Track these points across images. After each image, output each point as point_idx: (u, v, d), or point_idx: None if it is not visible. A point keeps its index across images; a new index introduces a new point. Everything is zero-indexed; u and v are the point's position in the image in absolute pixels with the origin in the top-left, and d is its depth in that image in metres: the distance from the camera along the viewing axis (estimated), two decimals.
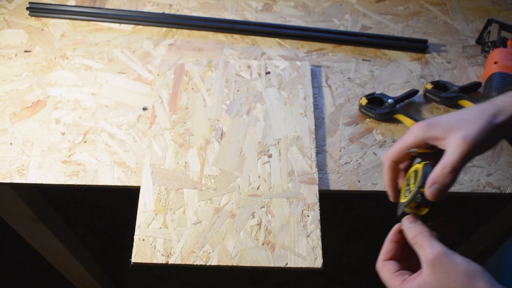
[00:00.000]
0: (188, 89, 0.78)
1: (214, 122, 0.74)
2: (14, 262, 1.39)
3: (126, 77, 0.80)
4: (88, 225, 1.48)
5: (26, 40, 0.85)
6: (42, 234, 0.91)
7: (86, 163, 0.70)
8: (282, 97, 0.77)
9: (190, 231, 0.64)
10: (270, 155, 0.71)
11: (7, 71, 0.80)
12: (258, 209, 0.66)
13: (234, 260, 0.62)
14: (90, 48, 0.84)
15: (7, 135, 0.72)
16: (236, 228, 0.64)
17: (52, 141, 0.72)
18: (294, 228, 0.64)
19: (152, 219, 0.64)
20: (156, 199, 0.66)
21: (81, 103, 0.77)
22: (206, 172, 0.69)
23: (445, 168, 0.44)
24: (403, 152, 0.49)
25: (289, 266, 0.62)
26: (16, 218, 0.86)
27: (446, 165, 0.44)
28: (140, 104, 0.77)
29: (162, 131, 0.73)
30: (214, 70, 0.81)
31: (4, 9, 0.90)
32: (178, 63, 0.81)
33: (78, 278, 1.17)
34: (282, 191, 0.67)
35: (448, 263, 0.41)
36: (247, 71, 0.81)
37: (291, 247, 0.63)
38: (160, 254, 0.62)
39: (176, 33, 0.88)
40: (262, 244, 0.63)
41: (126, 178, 0.68)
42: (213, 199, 0.66)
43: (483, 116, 0.46)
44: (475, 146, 0.44)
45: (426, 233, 0.45)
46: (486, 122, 0.46)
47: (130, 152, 0.71)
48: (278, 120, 0.74)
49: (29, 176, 0.68)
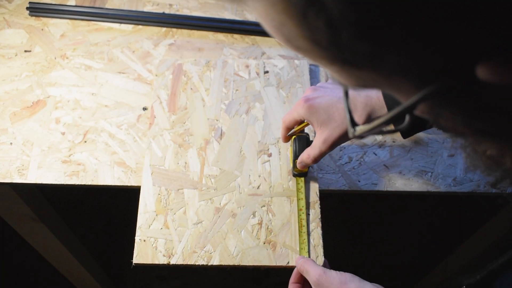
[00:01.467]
0: (187, 89, 0.78)
1: (213, 122, 0.74)
2: (14, 262, 1.39)
3: (126, 77, 0.80)
4: (88, 225, 1.48)
5: (26, 40, 0.85)
6: (42, 234, 0.91)
7: (86, 163, 0.70)
8: (281, 96, 0.77)
9: (191, 231, 0.64)
10: (270, 154, 0.71)
11: (7, 71, 0.80)
12: (259, 208, 0.66)
13: (235, 259, 0.62)
14: (90, 48, 0.84)
15: (7, 135, 0.72)
16: (237, 227, 0.64)
17: (52, 141, 0.72)
18: (295, 227, 0.64)
19: (153, 219, 0.65)
20: (157, 199, 0.66)
21: (81, 103, 0.77)
22: (206, 172, 0.69)
23: (308, 157, 0.61)
24: (292, 123, 0.64)
25: (291, 265, 0.62)
26: (16, 218, 0.86)
27: (310, 155, 0.60)
28: (140, 104, 0.77)
29: (161, 131, 0.73)
30: (212, 70, 0.81)
31: (4, 9, 0.90)
32: (177, 64, 0.81)
33: (78, 278, 1.17)
34: (282, 190, 0.67)
35: (327, 279, 0.54)
36: (246, 71, 0.81)
37: (292, 246, 0.63)
38: (161, 254, 0.62)
39: (176, 33, 0.88)
40: (263, 243, 0.63)
41: (126, 178, 0.68)
42: (213, 199, 0.66)
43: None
44: (334, 146, 0.58)
45: (308, 261, 0.59)
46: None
47: (130, 152, 0.71)
48: (278, 119, 0.74)
49: (29, 176, 0.68)
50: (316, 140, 0.60)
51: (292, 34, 0.21)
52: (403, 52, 0.19)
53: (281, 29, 0.21)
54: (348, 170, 0.70)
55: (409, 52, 0.19)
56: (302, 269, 0.58)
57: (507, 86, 0.18)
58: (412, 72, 0.20)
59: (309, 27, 0.19)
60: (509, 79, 0.18)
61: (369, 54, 0.19)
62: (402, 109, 0.22)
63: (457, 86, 0.20)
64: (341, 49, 0.20)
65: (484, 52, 0.18)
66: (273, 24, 0.21)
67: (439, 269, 1.24)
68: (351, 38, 0.19)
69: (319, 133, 0.59)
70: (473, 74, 0.18)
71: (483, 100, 0.21)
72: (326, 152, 0.60)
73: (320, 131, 0.59)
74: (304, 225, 0.64)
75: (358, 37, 0.18)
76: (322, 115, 0.58)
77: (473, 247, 1.15)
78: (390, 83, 0.22)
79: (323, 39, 0.20)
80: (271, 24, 0.21)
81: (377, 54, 0.19)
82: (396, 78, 0.22)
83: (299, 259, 0.61)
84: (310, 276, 0.56)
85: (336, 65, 0.22)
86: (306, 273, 0.58)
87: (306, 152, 0.61)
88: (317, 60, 0.23)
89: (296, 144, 0.64)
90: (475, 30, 0.17)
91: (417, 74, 0.20)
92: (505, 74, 0.18)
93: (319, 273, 0.55)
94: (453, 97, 0.21)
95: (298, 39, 0.21)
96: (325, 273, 0.55)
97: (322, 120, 0.58)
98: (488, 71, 0.18)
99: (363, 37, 0.18)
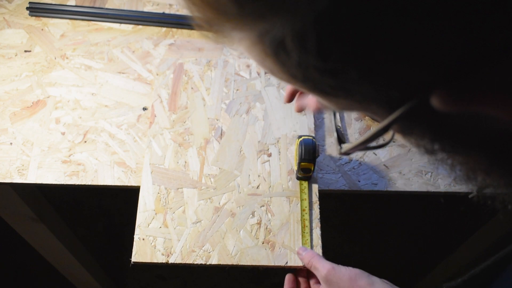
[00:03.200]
0: (188, 89, 0.78)
1: (214, 122, 0.74)
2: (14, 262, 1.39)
3: (126, 77, 0.80)
4: (88, 225, 1.48)
5: (26, 40, 0.85)
6: (42, 234, 0.91)
7: (86, 163, 0.70)
8: (281, 96, 0.77)
9: (190, 230, 0.64)
10: (270, 154, 0.71)
11: (7, 71, 0.80)
12: (258, 208, 0.66)
13: (234, 259, 0.62)
14: (90, 48, 0.84)
15: (7, 135, 0.72)
16: (236, 227, 0.64)
17: (52, 141, 0.72)
18: (294, 227, 0.64)
19: (152, 218, 0.65)
20: (156, 198, 0.66)
21: (81, 103, 0.77)
22: (205, 172, 0.69)
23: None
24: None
25: (289, 265, 0.62)
26: (16, 218, 0.86)
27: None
28: (140, 104, 0.77)
29: (161, 130, 0.73)
30: (213, 69, 0.81)
31: (4, 9, 0.90)
32: (177, 63, 0.81)
33: (78, 278, 1.17)
34: (282, 190, 0.67)
35: (336, 274, 0.54)
36: (246, 70, 0.81)
37: (291, 246, 0.63)
38: (160, 253, 0.62)
39: (176, 33, 0.88)
40: (262, 243, 0.63)
41: (126, 178, 0.68)
42: (213, 198, 0.66)
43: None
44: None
45: (316, 256, 0.58)
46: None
47: (130, 152, 0.71)
48: (278, 119, 0.74)
49: (29, 176, 0.68)
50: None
51: (272, 68, 0.24)
52: (365, 85, 0.21)
53: (263, 64, 0.24)
54: (348, 170, 0.70)
55: (370, 86, 0.21)
56: (310, 265, 0.58)
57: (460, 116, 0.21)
58: (380, 100, 0.23)
59: (283, 64, 0.22)
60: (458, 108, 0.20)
61: (338, 87, 0.22)
62: (378, 130, 0.25)
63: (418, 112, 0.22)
64: (315, 82, 0.23)
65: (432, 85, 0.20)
66: (256, 60, 0.24)
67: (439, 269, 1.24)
68: (318, 76, 0.21)
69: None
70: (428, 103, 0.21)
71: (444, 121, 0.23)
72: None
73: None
74: (307, 225, 0.64)
75: (324, 75, 0.21)
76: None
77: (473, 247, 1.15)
78: (365, 108, 0.25)
79: (298, 75, 0.23)
80: (255, 59, 0.25)
81: (344, 87, 0.22)
82: (369, 105, 0.24)
83: (303, 251, 0.60)
84: (318, 271, 0.56)
85: (316, 94, 0.25)
86: (314, 269, 0.57)
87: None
88: (299, 88, 0.26)
89: (302, 148, 0.64)
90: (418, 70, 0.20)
91: (384, 102, 0.23)
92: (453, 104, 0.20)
93: (328, 269, 0.55)
94: (417, 120, 0.23)
95: (278, 73, 0.24)
96: (334, 269, 0.54)
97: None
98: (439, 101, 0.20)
99: (328, 76, 0.21)
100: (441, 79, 0.20)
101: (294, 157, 0.70)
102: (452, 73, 0.19)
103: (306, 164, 0.64)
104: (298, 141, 0.65)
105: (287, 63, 0.22)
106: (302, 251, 0.60)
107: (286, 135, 0.73)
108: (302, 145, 0.64)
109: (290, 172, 0.69)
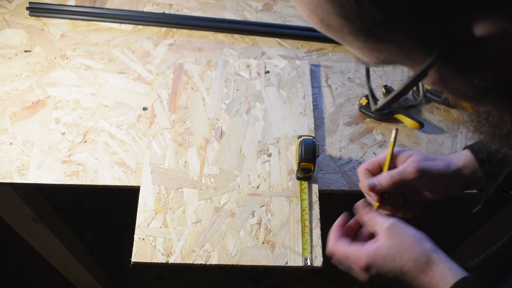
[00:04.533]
0: (188, 89, 0.78)
1: (214, 122, 0.74)
2: (14, 262, 1.39)
3: (126, 77, 0.80)
4: (88, 225, 1.48)
5: (26, 40, 0.85)
6: (42, 234, 0.91)
7: (86, 163, 0.70)
8: (281, 96, 0.77)
9: (190, 230, 0.64)
10: (270, 154, 0.71)
11: (7, 71, 0.80)
12: (258, 208, 0.66)
13: (234, 259, 0.62)
14: (90, 48, 0.84)
15: (7, 135, 0.72)
16: (236, 227, 0.64)
17: (52, 141, 0.72)
18: (294, 227, 0.64)
19: (152, 218, 0.65)
20: (156, 198, 0.66)
21: (81, 103, 0.77)
22: (205, 172, 0.69)
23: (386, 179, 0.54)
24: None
25: (289, 265, 0.62)
26: (16, 218, 0.86)
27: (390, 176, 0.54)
28: (140, 104, 0.77)
29: (161, 130, 0.73)
30: (213, 69, 0.81)
31: (4, 9, 0.90)
32: (177, 63, 0.81)
33: (78, 278, 1.17)
34: (282, 190, 0.67)
35: (400, 228, 0.50)
36: (246, 71, 0.81)
37: (291, 246, 0.63)
38: (160, 253, 0.62)
39: (176, 33, 0.88)
40: (262, 243, 0.63)
41: (126, 178, 0.68)
42: (213, 198, 0.66)
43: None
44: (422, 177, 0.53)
45: (378, 214, 0.53)
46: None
47: (130, 152, 0.71)
48: (278, 119, 0.74)
49: (29, 176, 0.68)
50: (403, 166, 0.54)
51: (325, 13, 0.26)
52: (410, 19, 0.24)
53: (316, 11, 0.26)
54: (348, 170, 0.70)
55: (415, 19, 0.23)
56: (370, 222, 0.53)
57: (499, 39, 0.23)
58: (421, 38, 0.25)
59: (340, 3, 0.25)
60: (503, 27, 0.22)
61: (386, 23, 0.25)
62: (416, 76, 0.26)
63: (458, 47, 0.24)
64: (365, 19, 0.25)
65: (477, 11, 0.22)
66: (309, 8, 0.26)
67: None
68: (371, 7, 0.24)
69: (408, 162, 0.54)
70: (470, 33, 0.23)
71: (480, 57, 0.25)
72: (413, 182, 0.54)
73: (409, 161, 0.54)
74: (307, 225, 0.64)
75: (376, 6, 0.24)
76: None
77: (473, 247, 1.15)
78: (405, 54, 0.27)
79: (351, 12, 0.25)
80: (308, 8, 0.27)
81: (391, 23, 0.24)
82: (409, 48, 0.26)
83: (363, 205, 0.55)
84: (380, 224, 0.51)
85: (360, 39, 0.27)
86: (375, 223, 0.52)
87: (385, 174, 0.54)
88: (345, 36, 0.28)
89: (302, 148, 0.64)
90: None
91: (425, 39, 0.25)
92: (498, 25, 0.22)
93: (392, 222, 0.50)
94: (455, 59, 0.25)
95: (330, 17, 0.26)
96: (399, 224, 0.50)
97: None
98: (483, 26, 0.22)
99: (379, 7, 0.24)
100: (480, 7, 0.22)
101: (294, 157, 0.70)
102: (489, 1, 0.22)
103: (306, 164, 0.64)
104: (298, 141, 0.65)
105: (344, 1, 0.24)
106: (363, 208, 0.55)
107: (286, 135, 0.73)
108: (302, 145, 0.63)
109: (290, 172, 0.69)
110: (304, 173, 0.66)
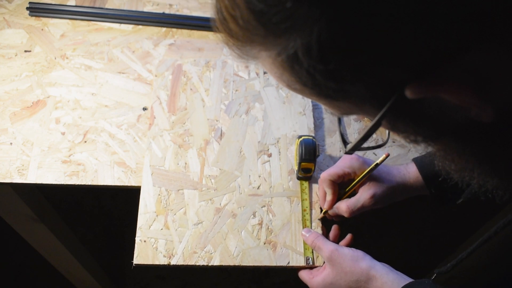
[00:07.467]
0: (187, 90, 0.78)
1: (213, 122, 0.74)
2: (14, 262, 1.39)
3: (126, 77, 0.80)
4: (88, 225, 1.48)
5: (26, 40, 0.85)
6: (42, 234, 0.91)
7: (86, 163, 0.69)
8: (280, 96, 0.77)
9: (191, 231, 0.64)
10: (270, 155, 0.71)
11: (7, 71, 0.80)
12: (259, 208, 0.66)
13: (236, 260, 0.62)
14: (90, 48, 0.84)
15: (7, 135, 0.72)
16: (238, 228, 0.64)
17: (52, 141, 0.72)
18: (295, 227, 0.64)
19: (153, 220, 0.64)
20: (157, 200, 0.66)
21: (81, 103, 0.77)
22: (206, 173, 0.69)
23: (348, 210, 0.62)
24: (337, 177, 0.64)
25: (291, 265, 0.62)
26: (16, 218, 0.86)
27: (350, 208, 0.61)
28: (140, 104, 0.77)
29: (161, 132, 0.72)
30: (212, 70, 0.80)
31: (4, 9, 0.90)
32: (176, 64, 0.81)
33: (78, 278, 1.17)
34: (282, 190, 0.67)
35: (339, 256, 0.56)
36: (245, 71, 0.81)
37: (292, 246, 0.63)
38: (162, 255, 0.62)
39: (176, 33, 0.87)
40: (263, 243, 0.63)
41: (126, 178, 0.68)
42: (213, 199, 0.66)
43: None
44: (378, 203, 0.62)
45: (320, 237, 0.60)
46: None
47: (130, 152, 0.71)
48: (277, 119, 0.74)
49: (29, 176, 0.68)
50: (361, 195, 0.61)
51: (288, 80, 0.31)
52: (357, 85, 0.28)
53: (281, 78, 0.31)
54: None
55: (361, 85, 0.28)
56: (314, 245, 0.60)
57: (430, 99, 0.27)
58: (370, 98, 0.29)
59: (297, 75, 0.29)
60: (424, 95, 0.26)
61: (338, 89, 0.29)
62: (371, 127, 0.31)
63: (399, 105, 0.28)
64: (321, 87, 0.29)
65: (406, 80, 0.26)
66: (275, 75, 0.31)
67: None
68: (323, 80, 0.28)
69: (366, 188, 0.61)
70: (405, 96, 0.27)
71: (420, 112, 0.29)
72: (369, 208, 0.61)
73: (368, 187, 0.61)
74: (308, 225, 0.64)
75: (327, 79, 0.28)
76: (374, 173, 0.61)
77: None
78: (361, 109, 0.31)
79: (308, 82, 0.29)
80: (275, 75, 0.32)
81: (343, 88, 0.29)
82: (363, 105, 0.30)
83: (307, 232, 0.62)
84: (322, 252, 0.58)
85: (322, 99, 0.32)
86: (318, 249, 0.59)
87: (346, 204, 0.61)
88: (309, 97, 0.33)
89: (302, 148, 0.63)
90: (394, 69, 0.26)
91: (374, 99, 0.29)
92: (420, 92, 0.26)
93: (331, 250, 0.57)
94: (401, 112, 0.29)
95: (293, 84, 0.31)
96: (338, 250, 0.57)
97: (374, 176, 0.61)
98: (410, 91, 0.26)
99: (330, 79, 0.28)
100: (411, 74, 0.26)
101: (294, 157, 0.70)
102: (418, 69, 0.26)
103: (306, 164, 0.64)
104: (298, 141, 0.65)
105: (300, 73, 0.28)
106: (306, 233, 0.62)
107: (286, 135, 0.72)
108: (302, 145, 0.63)
109: (290, 172, 0.69)
110: (305, 173, 0.66)
